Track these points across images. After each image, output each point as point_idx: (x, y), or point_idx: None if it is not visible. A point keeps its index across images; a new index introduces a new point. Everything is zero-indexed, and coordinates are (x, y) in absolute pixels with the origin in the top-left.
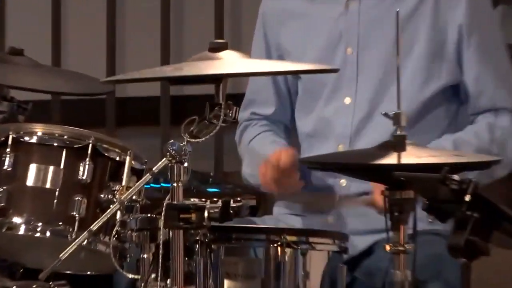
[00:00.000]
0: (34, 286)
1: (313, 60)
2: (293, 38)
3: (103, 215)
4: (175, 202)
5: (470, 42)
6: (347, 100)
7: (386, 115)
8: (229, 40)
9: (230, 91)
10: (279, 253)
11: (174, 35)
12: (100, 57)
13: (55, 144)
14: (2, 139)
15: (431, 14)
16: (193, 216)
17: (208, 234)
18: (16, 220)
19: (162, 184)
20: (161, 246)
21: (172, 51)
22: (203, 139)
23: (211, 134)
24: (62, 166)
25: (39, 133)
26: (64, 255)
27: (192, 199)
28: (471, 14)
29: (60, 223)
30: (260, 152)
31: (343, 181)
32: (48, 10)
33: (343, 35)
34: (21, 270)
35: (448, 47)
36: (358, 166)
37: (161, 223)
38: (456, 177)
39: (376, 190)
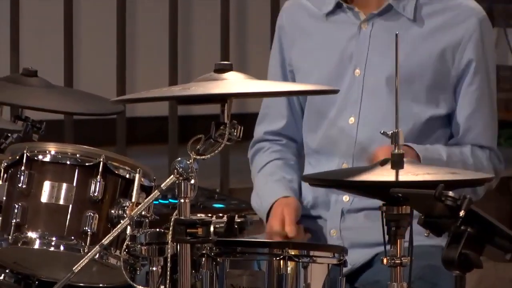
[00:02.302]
0: None
1: (322, 78)
2: (304, 55)
3: (114, 230)
4: (182, 218)
5: (474, 80)
6: (351, 120)
7: (385, 134)
8: (234, 61)
9: (235, 111)
10: (282, 266)
11: (181, 57)
12: (110, 78)
13: (68, 162)
14: (17, 157)
15: (441, 45)
16: (200, 230)
17: (214, 248)
18: (31, 235)
19: (170, 200)
20: (169, 260)
21: (180, 72)
22: (209, 156)
23: (217, 152)
24: (74, 184)
25: (53, 152)
26: (77, 268)
27: (198, 215)
28: (482, 53)
29: (73, 238)
30: (265, 192)
31: (345, 197)
32: (60, 33)
33: (354, 57)
34: (36, 283)
35: (449, 80)
36: (357, 183)
37: (169, 237)
38: (451, 193)
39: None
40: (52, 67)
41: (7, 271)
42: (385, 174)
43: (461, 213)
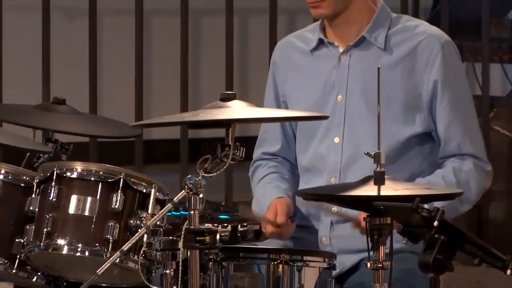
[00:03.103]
0: None
1: (311, 105)
2: (295, 86)
3: (132, 238)
4: (192, 227)
5: (443, 97)
6: (336, 140)
7: (368, 154)
8: (238, 91)
9: (238, 134)
10: (279, 269)
11: (191, 87)
12: (129, 106)
13: (92, 178)
14: (48, 174)
15: (410, 69)
16: (207, 238)
17: (220, 254)
18: (60, 242)
19: (181, 212)
20: (180, 264)
21: (190, 101)
22: (216, 174)
23: (222, 170)
24: (98, 197)
25: (79, 170)
26: (100, 271)
27: (206, 225)
28: (445, 72)
29: (97, 245)
30: (264, 197)
31: (334, 208)
32: (86, 67)
33: (336, 85)
34: (65, 284)
35: (422, 100)
36: (345, 197)
37: (180, 244)
38: (426, 206)
39: (362, 216)
40: (79, 96)
41: (39, 273)
42: (368, 189)
43: (435, 223)
